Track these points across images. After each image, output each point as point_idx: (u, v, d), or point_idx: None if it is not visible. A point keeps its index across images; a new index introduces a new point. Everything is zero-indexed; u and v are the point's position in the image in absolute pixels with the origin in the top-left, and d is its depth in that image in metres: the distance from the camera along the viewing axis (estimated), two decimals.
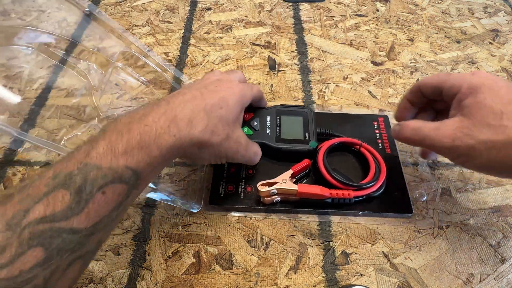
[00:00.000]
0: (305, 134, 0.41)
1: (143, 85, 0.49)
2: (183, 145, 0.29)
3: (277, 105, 0.44)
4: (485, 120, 0.28)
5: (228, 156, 0.34)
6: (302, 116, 0.43)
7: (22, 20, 0.52)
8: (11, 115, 0.47)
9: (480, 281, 0.35)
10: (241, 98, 0.34)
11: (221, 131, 0.32)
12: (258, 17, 0.63)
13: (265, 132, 0.41)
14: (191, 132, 0.30)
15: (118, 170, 0.25)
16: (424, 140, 0.31)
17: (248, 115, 0.42)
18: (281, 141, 0.41)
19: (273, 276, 0.35)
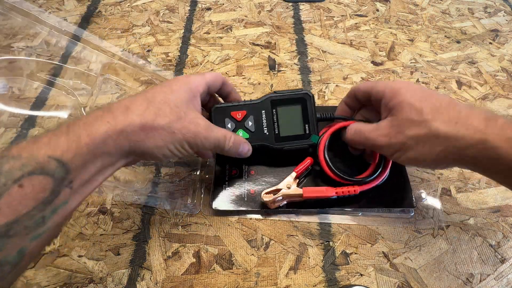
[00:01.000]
0: (305, 127, 0.39)
1: (143, 85, 0.49)
2: (122, 132, 0.27)
3: (271, 94, 0.39)
4: (409, 117, 0.31)
5: (189, 139, 0.31)
6: (300, 104, 0.39)
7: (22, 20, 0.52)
8: (11, 115, 0.47)
9: (480, 281, 0.35)
10: (187, 83, 0.33)
11: (168, 112, 0.30)
12: (258, 17, 0.63)
13: (263, 132, 0.38)
14: (128, 117, 0.28)
15: (39, 159, 0.23)
16: (366, 141, 0.34)
17: (240, 113, 0.38)
18: (281, 140, 0.38)
19: (273, 276, 0.35)
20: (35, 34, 0.54)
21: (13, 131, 0.45)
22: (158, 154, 0.30)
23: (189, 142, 0.31)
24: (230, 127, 0.38)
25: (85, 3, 0.65)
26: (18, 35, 0.54)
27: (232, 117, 0.38)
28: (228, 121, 0.38)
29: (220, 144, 0.34)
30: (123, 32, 0.60)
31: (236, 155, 0.36)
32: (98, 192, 0.41)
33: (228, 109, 0.38)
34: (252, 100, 0.39)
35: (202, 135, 0.32)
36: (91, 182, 0.27)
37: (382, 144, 0.33)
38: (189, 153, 0.33)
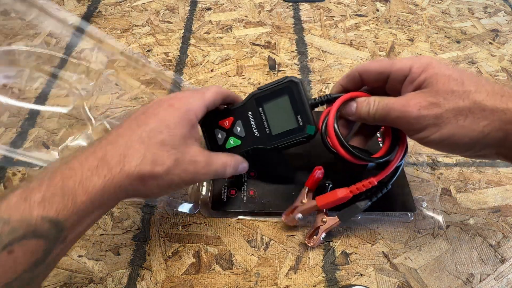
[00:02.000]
0: (298, 119, 0.34)
1: (143, 85, 0.49)
2: (119, 185, 0.26)
3: (254, 92, 0.36)
4: (448, 87, 0.27)
5: (187, 181, 0.30)
6: (287, 94, 0.34)
7: (22, 20, 0.52)
8: (11, 115, 0.47)
9: (480, 281, 0.35)
10: (185, 113, 0.30)
11: (166, 158, 0.28)
12: (258, 17, 0.63)
13: (253, 135, 0.36)
14: (124, 168, 0.26)
15: (31, 222, 0.21)
16: (389, 113, 0.29)
17: (227, 121, 0.36)
18: (274, 138, 0.35)
19: (273, 276, 0.35)
20: (35, 35, 0.54)
21: (13, 131, 0.45)
22: (154, 197, 0.32)
23: (188, 182, 0.31)
24: (220, 137, 0.37)
25: (85, 3, 0.65)
26: (18, 35, 0.54)
27: (221, 126, 0.37)
28: (218, 131, 0.37)
29: (219, 174, 0.33)
30: (123, 32, 0.60)
31: (226, 177, 0.37)
32: None
33: (215, 120, 0.37)
34: (237, 104, 0.36)
35: (201, 174, 0.30)
36: (85, 231, 0.27)
37: (411, 117, 0.27)
38: (184, 188, 0.34)
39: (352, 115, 0.32)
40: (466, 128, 0.26)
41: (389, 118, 0.29)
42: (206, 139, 0.38)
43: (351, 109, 0.32)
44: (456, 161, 0.44)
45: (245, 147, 0.36)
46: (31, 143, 0.44)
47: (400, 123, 0.29)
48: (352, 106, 0.32)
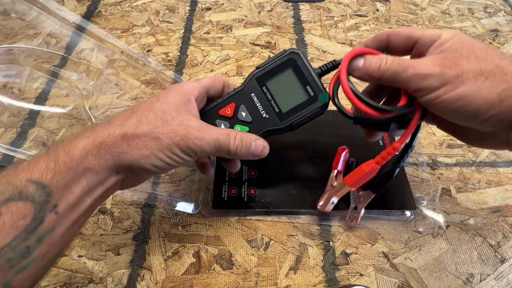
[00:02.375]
0: (307, 90, 0.32)
1: (143, 85, 0.49)
2: (102, 145, 0.25)
3: (253, 72, 0.33)
4: (472, 52, 0.27)
5: (179, 143, 0.27)
6: (291, 67, 0.32)
7: (22, 20, 0.52)
8: (11, 115, 0.47)
9: (480, 281, 0.35)
10: (178, 88, 0.30)
11: (152, 118, 0.27)
12: (258, 17, 0.63)
13: (262, 118, 0.32)
14: (108, 129, 0.26)
15: (17, 184, 0.21)
16: (405, 70, 0.27)
17: (229, 108, 0.33)
18: (286, 116, 0.32)
19: (273, 276, 0.35)
20: (35, 34, 0.54)
21: (13, 131, 0.45)
22: (147, 165, 0.27)
23: (180, 147, 0.27)
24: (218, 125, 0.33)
25: (85, 3, 0.65)
26: (18, 35, 0.54)
27: (222, 116, 0.33)
28: (220, 122, 0.33)
29: (222, 145, 0.29)
30: (123, 32, 0.60)
31: (251, 157, 0.31)
32: None
33: (214, 110, 0.33)
34: (236, 88, 0.33)
35: (194, 136, 0.28)
36: (79, 204, 0.25)
37: (430, 73, 0.26)
38: (186, 160, 0.29)
39: (358, 70, 0.30)
40: (484, 90, 0.25)
41: (403, 75, 0.28)
42: None
43: (358, 65, 0.30)
44: (456, 161, 0.44)
45: (256, 131, 0.32)
46: (31, 143, 0.44)
47: (414, 81, 0.27)
48: (359, 62, 0.30)
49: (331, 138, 0.44)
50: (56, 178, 0.23)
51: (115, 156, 0.26)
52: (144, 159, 0.27)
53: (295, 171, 0.41)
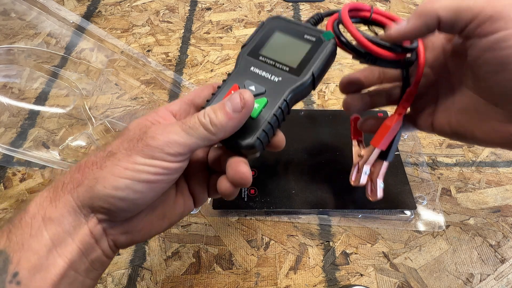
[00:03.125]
0: (307, 38, 0.28)
1: (143, 85, 0.50)
2: (59, 186, 0.22)
3: (241, 51, 0.29)
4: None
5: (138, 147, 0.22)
6: (278, 30, 0.29)
7: (22, 20, 0.52)
8: (11, 115, 0.47)
9: (480, 281, 0.35)
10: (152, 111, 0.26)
11: (116, 142, 0.23)
12: (258, 17, 0.63)
13: (275, 82, 0.27)
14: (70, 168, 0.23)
15: None
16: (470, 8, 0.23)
17: (232, 91, 0.27)
18: (300, 69, 0.27)
19: (273, 276, 0.35)
20: (35, 34, 0.54)
21: (13, 131, 0.45)
22: (107, 190, 0.21)
23: (141, 150, 0.22)
24: None
25: (85, 3, 0.65)
26: (18, 35, 0.54)
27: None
28: None
29: (191, 125, 0.23)
30: (123, 32, 0.60)
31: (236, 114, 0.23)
32: None
33: (215, 101, 0.27)
34: (231, 72, 0.28)
35: (154, 131, 0.22)
36: (47, 268, 0.20)
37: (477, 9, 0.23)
38: (161, 167, 0.22)
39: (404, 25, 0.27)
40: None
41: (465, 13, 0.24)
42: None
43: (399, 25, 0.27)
44: (456, 161, 0.44)
45: (277, 99, 0.26)
46: (31, 143, 0.44)
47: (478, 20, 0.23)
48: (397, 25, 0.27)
49: (331, 137, 0.44)
50: (11, 239, 0.20)
51: (73, 193, 0.21)
52: (100, 183, 0.21)
53: (295, 171, 0.41)
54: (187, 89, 0.51)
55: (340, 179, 0.40)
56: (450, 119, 0.30)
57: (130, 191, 0.21)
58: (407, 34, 0.27)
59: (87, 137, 0.42)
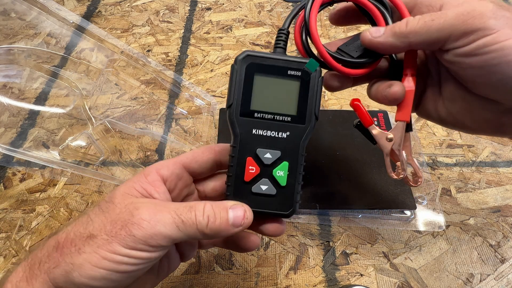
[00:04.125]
0: (292, 74, 0.26)
1: (143, 85, 0.50)
2: (36, 263, 0.21)
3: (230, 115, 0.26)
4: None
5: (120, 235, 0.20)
6: (255, 72, 0.26)
7: (22, 20, 0.52)
8: (11, 115, 0.47)
9: (480, 281, 0.35)
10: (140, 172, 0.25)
11: (95, 212, 0.23)
12: (258, 17, 0.63)
13: (285, 139, 0.26)
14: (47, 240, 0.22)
15: None
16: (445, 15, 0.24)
17: (250, 166, 0.26)
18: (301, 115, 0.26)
19: (273, 276, 0.35)
20: (35, 34, 0.54)
21: (13, 131, 0.45)
22: (83, 279, 0.20)
23: (122, 239, 0.20)
24: (267, 187, 0.26)
25: (85, 3, 0.65)
26: (18, 35, 0.54)
27: (252, 179, 0.26)
28: (258, 187, 0.26)
29: (185, 220, 0.21)
30: (123, 32, 0.60)
31: (232, 230, 0.23)
32: (98, 192, 0.41)
33: (238, 184, 0.26)
34: (232, 143, 0.26)
35: (139, 219, 0.21)
36: None
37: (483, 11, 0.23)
38: (140, 258, 0.21)
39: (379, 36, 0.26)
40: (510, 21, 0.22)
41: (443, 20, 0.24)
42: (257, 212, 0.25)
43: (378, 31, 0.26)
44: (456, 161, 0.44)
45: (295, 157, 0.26)
46: (31, 143, 0.44)
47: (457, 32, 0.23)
48: (378, 30, 0.27)
49: (331, 137, 0.44)
50: None
51: (50, 274, 0.20)
52: (76, 271, 0.20)
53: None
54: (187, 89, 0.51)
55: (340, 179, 0.40)
56: (437, 107, 0.29)
57: (106, 281, 0.20)
58: (379, 48, 0.27)
59: (87, 137, 0.42)
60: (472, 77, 0.25)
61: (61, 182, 0.42)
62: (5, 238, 0.38)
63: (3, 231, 0.38)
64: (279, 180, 0.26)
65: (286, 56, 0.26)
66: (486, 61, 0.23)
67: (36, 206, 0.40)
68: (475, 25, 0.23)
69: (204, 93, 0.51)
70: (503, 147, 0.45)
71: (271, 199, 0.26)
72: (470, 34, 0.23)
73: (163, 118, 0.48)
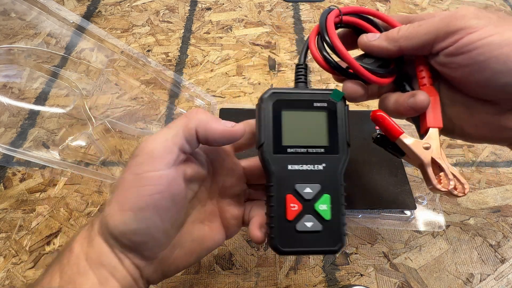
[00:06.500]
0: (318, 106, 0.26)
1: (143, 85, 0.49)
2: (95, 219, 0.24)
3: (264, 154, 0.26)
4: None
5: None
6: (284, 108, 0.26)
7: (22, 20, 0.52)
8: (11, 115, 0.47)
9: (480, 281, 0.35)
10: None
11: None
12: (258, 17, 0.63)
13: (321, 171, 0.26)
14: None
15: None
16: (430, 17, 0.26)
17: (291, 204, 0.25)
18: (333, 145, 0.26)
19: (273, 276, 0.35)
20: (35, 34, 0.54)
21: (13, 131, 0.45)
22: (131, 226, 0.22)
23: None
24: (312, 224, 0.25)
25: (85, 3, 0.65)
26: (18, 35, 0.54)
27: (296, 217, 0.25)
28: (303, 225, 0.25)
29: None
30: (123, 32, 0.60)
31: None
32: (98, 192, 0.41)
33: (284, 225, 0.25)
34: (268, 183, 0.26)
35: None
36: None
37: (465, 14, 0.24)
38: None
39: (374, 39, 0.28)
40: (500, 31, 0.23)
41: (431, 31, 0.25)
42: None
43: (373, 36, 0.28)
44: (456, 161, 0.44)
45: (335, 187, 0.25)
46: (31, 143, 0.44)
47: (441, 33, 0.24)
48: (374, 35, 0.28)
49: None
50: (63, 277, 0.22)
51: (101, 234, 0.23)
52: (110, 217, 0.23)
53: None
54: (187, 89, 0.51)
55: None
56: None
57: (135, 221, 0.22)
58: (374, 50, 0.28)
59: (87, 137, 0.42)
60: (464, 77, 0.25)
61: (61, 182, 0.42)
62: (5, 238, 0.38)
63: (3, 231, 0.38)
64: (323, 214, 0.25)
65: (309, 89, 0.27)
66: (473, 58, 0.24)
67: (36, 206, 0.40)
68: (458, 25, 0.24)
69: (204, 93, 0.51)
70: (503, 147, 0.45)
71: (318, 235, 0.25)
72: (454, 34, 0.24)
73: (163, 118, 0.48)
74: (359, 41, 0.28)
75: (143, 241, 0.23)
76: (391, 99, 0.29)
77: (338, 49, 0.27)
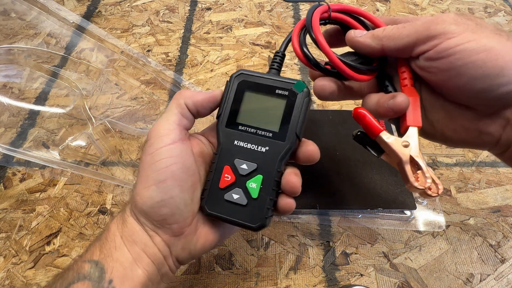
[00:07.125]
0: (280, 93, 0.27)
1: (143, 85, 0.49)
2: (129, 202, 0.27)
3: (218, 124, 0.28)
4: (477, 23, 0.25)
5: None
6: (246, 89, 0.28)
7: (22, 20, 0.52)
8: (11, 115, 0.47)
9: (480, 281, 0.35)
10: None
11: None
12: (258, 17, 0.63)
13: (264, 153, 0.27)
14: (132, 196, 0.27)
15: (75, 268, 0.24)
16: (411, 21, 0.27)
17: (226, 174, 0.27)
18: (282, 132, 0.27)
19: (273, 276, 0.35)
20: (35, 34, 0.54)
21: (13, 131, 0.45)
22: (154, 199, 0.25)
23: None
24: (239, 196, 0.27)
25: (85, 3, 0.65)
26: (18, 35, 0.54)
27: (227, 187, 0.27)
28: (231, 195, 0.27)
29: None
30: (123, 32, 0.60)
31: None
32: (98, 192, 0.41)
33: (214, 190, 0.27)
34: (217, 151, 0.28)
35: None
36: (132, 277, 0.24)
37: (445, 19, 0.25)
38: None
39: (360, 36, 0.28)
40: (476, 38, 0.23)
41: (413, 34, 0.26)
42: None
43: (360, 32, 0.29)
44: (456, 161, 0.44)
45: (271, 171, 0.26)
46: (31, 143, 0.44)
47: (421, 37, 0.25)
48: (360, 32, 0.29)
49: (331, 137, 0.44)
50: (103, 252, 0.25)
51: (133, 214, 0.26)
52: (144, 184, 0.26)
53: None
54: (187, 89, 0.51)
55: (340, 179, 0.40)
56: None
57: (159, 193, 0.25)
58: (358, 46, 0.29)
59: (87, 137, 0.42)
60: (443, 82, 0.26)
61: (61, 182, 0.42)
62: (5, 238, 0.38)
63: (3, 231, 0.38)
64: (251, 191, 0.26)
65: (278, 76, 0.28)
66: (451, 62, 0.24)
67: (36, 206, 0.40)
68: (437, 30, 0.25)
69: None
70: None
71: (241, 208, 0.27)
72: (434, 38, 0.25)
73: None
74: (346, 35, 0.29)
75: (170, 213, 0.26)
76: (373, 99, 0.29)
77: (319, 42, 0.28)
